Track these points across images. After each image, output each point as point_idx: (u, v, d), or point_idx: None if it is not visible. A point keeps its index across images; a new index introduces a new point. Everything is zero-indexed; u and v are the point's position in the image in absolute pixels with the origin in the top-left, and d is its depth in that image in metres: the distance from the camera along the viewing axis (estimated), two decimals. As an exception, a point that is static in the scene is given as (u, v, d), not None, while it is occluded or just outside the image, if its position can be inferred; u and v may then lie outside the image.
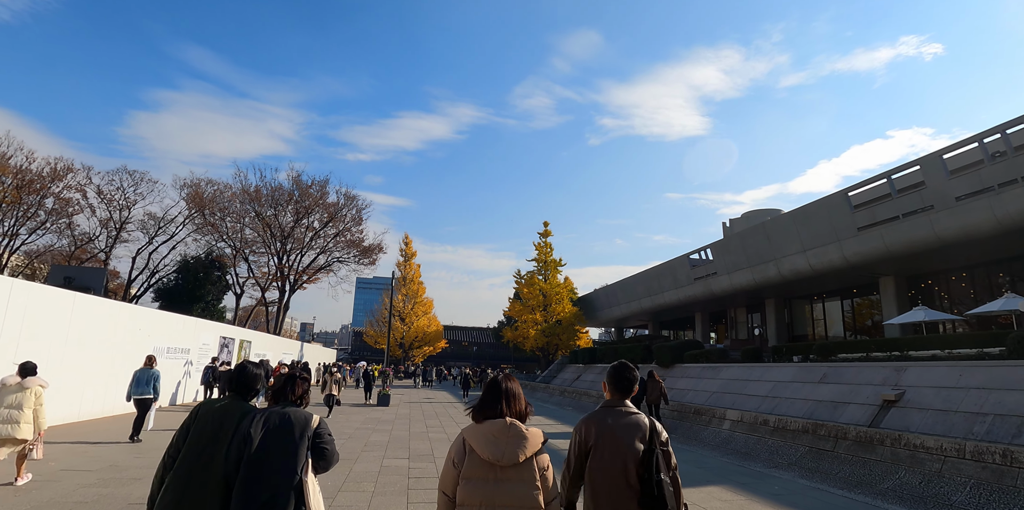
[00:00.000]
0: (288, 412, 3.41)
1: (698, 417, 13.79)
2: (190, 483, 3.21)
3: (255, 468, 3.18)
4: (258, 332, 31.27)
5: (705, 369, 20.33)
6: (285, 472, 3.20)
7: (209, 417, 3.44)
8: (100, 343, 15.25)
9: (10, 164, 41.92)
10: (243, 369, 3.69)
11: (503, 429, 2.84)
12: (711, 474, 10.01)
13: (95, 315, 15.13)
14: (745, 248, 30.35)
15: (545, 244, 37.84)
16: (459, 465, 2.81)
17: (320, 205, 44.76)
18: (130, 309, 17.04)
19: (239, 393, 3.63)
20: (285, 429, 3.32)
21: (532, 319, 36.34)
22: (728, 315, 38.54)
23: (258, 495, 3.11)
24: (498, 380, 3.09)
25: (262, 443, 3.24)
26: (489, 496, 2.71)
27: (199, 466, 3.26)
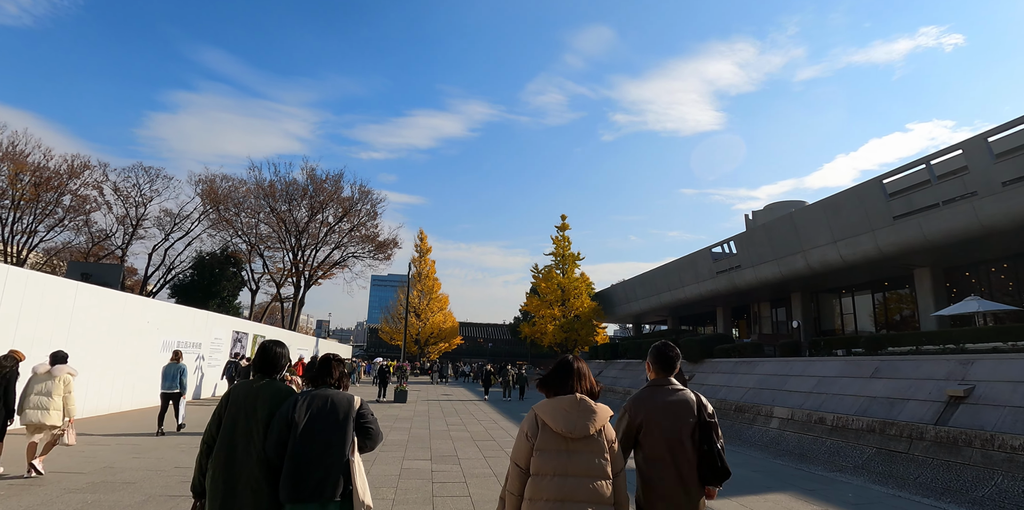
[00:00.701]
0: (330, 394, 3.40)
1: (740, 415, 12.62)
2: (232, 465, 3.18)
3: (304, 450, 3.17)
4: (273, 327, 30.38)
5: (738, 364, 19.06)
6: (334, 453, 3.21)
7: (242, 398, 3.38)
8: (105, 336, 14.30)
9: (28, 161, 41.60)
10: (266, 349, 3.61)
11: (574, 404, 2.95)
12: (770, 479, 8.82)
13: (99, 306, 14.18)
14: (771, 240, 29.00)
15: (563, 237, 36.61)
16: (532, 438, 2.93)
17: (335, 200, 43.82)
18: (137, 301, 16.09)
19: (264, 372, 3.57)
20: (330, 411, 3.31)
21: (550, 314, 35.12)
22: (751, 310, 37.17)
23: (310, 476, 3.11)
24: (568, 360, 3.16)
25: (308, 425, 3.22)
26: (562, 466, 2.82)
27: (240, 448, 3.22)
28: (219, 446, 3.26)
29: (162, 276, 45.73)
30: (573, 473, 2.82)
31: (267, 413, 3.33)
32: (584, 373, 3.11)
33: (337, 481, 3.17)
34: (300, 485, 3.11)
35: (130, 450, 9.71)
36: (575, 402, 2.96)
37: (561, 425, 2.88)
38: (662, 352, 3.46)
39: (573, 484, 2.80)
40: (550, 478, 2.81)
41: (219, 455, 3.23)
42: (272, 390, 3.44)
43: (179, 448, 10.08)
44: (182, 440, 10.96)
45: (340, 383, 3.57)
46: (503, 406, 21.17)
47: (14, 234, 42.60)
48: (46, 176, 41.80)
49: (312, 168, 48.11)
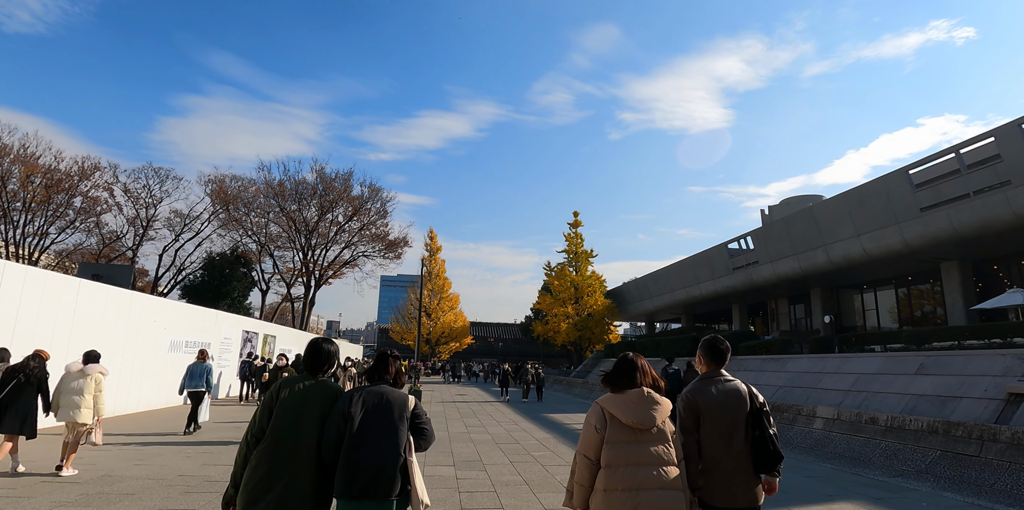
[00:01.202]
0: (385, 392, 3.34)
1: (778, 415, 11.74)
2: (278, 460, 3.08)
3: (359, 448, 3.12)
4: (283, 327, 29.67)
5: (766, 361, 18.15)
6: (390, 452, 3.16)
7: (291, 395, 3.27)
8: (110, 334, 13.58)
9: (39, 164, 41.25)
10: (316, 346, 3.48)
11: (641, 397, 3.12)
12: (828, 486, 7.97)
13: (103, 304, 13.46)
14: (790, 234, 28.08)
15: (575, 234, 35.65)
16: (601, 431, 3.07)
17: (344, 198, 43.11)
18: (144, 299, 15.37)
19: (312, 370, 3.43)
20: (385, 409, 3.27)
21: (563, 312, 34.17)
22: (768, 306, 36.21)
23: (365, 472, 3.06)
24: (630, 357, 3.31)
25: (363, 422, 3.18)
26: (634, 456, 2.97)
27: (286, 443, 3.12)
28: (265, 442, 3.15)
29: (172, 277, 45.26)
30: (644, 462, 2.96)
31: (316, 410, 3.23)
32: (647, 369, 3.27)
33: (393, 479, 3.11)
34: (355, 481, 3.05)
35: (132, 456, 8.95)
36: (642, 396, 3.12)
37: (631, 417, 3.03)
38: (713, 345, 3.56)
39: (645, 472, 2.93)
40: (623, 468, 2.94)
41: (264, 450, 3.12)
42: (321, 387, 3.33)
43: (184, 453, 9.32)
44: (190, 444, 10.21)
45: (397, 380, 3.48)
46: (522, 407, 20.34)
47: (26, 236, 42.23)
48: (57, 178, 41.48)
49: (322, 167, 47.59)
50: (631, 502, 2.88)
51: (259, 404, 3.50)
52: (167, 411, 15.31)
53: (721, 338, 3.61)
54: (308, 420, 3.19)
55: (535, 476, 8.26)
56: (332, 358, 3.47)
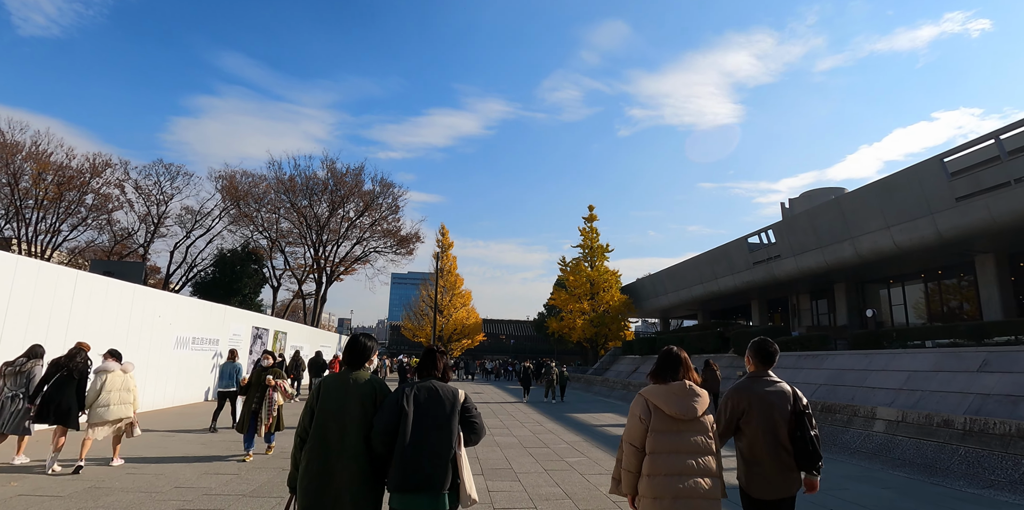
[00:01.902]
0: (435, 387, 3.31)
1: (830, 416, 10.65)
2: (327, 457, 3.08)
3: (414, 442, 3.09)
4: (294, 323, 28.76)
5: (802, 358, 16.98)
6: (442, 445, 3.14)
7: (335, 390, 3.24)
8: (111, 329, 12.65)
9: (51, 161, 40.70)
10: (356, 341, 3.45)
11: (684, 390, 3.28)
12: (911, 500, 6.89)
13: (103, 297, 12.53)
14: (815, 227, 26.84)
15: (591, 229, 34.51)
16: (646, 421, 3.23)
17: (355, 194, 42.12)
18: (147, 292, 14.43)
19: (353, 365, 3.40)
20: (436, 403, 3.23)
21: (579, 308, 33.04)
22: (789, 302, 34.95)
23: (419, 468, 3.05)
24: (674, 351, 3.47)
25: (416, 417, 3.16)
26: (676, 445, 3.14)
27: (332, 439, 3.10)
28: (312, 438, 3.15)
29: (184, 274, 44.63)
30: (685, 450, 3.15)
31: (360, 405, 3.22)
32: (688, 363, 3.42)
33: (446, 473, 3.09)
34: (410, 476, 3.04)
35: (126, 467, 7.99)
36: (684, 388, 3.29)
37: (675, 409, 3.21)
38: (763, 347, 3.74)
39: (686, 460, 3.12)
40: (666, 455, 3.14)
41: (312, 447, 3.12)
42: (365, 382, 3.32)
43: (184, 460, 8.34)
44: (195, 448, 9.24)
45: (445, 375, 3.45)
46: (544, 407, 19.26)
47: (38, 233, 41.67)
48: (68, 175, 40.95)
49: (332, 162, 46.57)
50: (673, 487, 3.06)
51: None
52: (172, 411, 14.41)
53: (770, 340, 3.78)
54: (352, 415, 3.16)
55: (576, 487, 7.22)
56: (371, 352, 3.43)
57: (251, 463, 8.23)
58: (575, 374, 32.01)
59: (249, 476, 7.40)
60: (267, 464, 8.21)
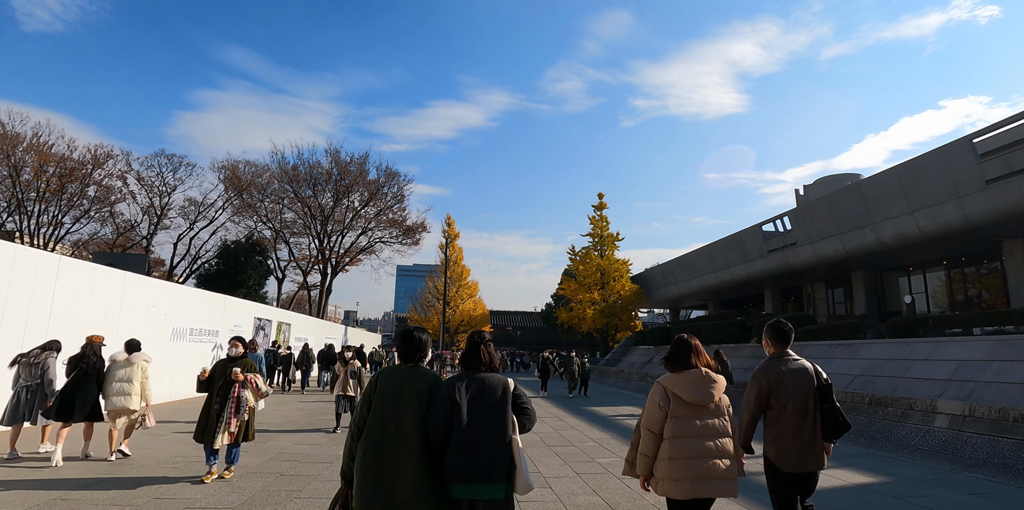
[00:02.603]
0: (485, 377, 3.29)
1: (880, 409, 9.64)
2: (383, 450, 3.05)
3: (468, 432, 3.07)
4: (298, 314, 27.79)
5: (834, 347, 15.91)
6: (499, 433, 3.11)
7: (391, 383, 3.23)
8: (99, 319, 11.67)
9: (52, 153, 39.83)
10: (409, 334, 3.43)
11: (700, 377, 3.40)
12: (1011, 507, 5.85)
13: (90, 285, 11.53)
14: (833, 213, 25.71)
15: (600, 217, 33.38)
16: (665, 407, 3.37)
17: (360, 183, 41.01)
18: (139, 280, 13.42)
19: (408, 358, 3.39)
20: (488, 393, 3.21)
21: (589, 298, 31.97)
22: (804, 291, 33.85)
23: (479, 457, 3.02)
24: (685, 338, 3.58)
25: (471, 408, 3.14)
26: (695, 429, 3.29)
27: (390, 432, 3.10)
28: (369, 430, 3.13)
29: (188, 266, 43.74)
30: (704, 434, 3.29)
31: (414, 398, 3.18)
32: (701, 350, 3.54)
33: (505, 462, 3.06)
34: (469, 467, 3.01)
35: (105, 467, 7.02)
36: (701, 375, 3.41)
37: (692, 395, 3.34)
38: (778, 328, 3.96)
39: (705, 443, 3.27)
40: (686, 439, 3.27)
41: (369, 439, 3.11)
42: (420, 375, 3.28)
43: (172, 465, 7.35)
44: (185, 449, 8.26)
45: (492, 365, 3.37)
46: (561, 401, 18.20)
47: (40, 226, 40.84)
48: (70, 167, 40.09)
49: (336, 151, 45.50)
50: (694, 469, 3.22)
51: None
52: (168, 406, 13.43)
53: (784, 321, 3.97)
54: (409, 408, 3.15)
55: (618, 496, 6.23)
56: (426, 346, 3.41)
57: (243, 469, 7.23)
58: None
59: (241, 484, 6.41)
60: (262, 469, 7.22)
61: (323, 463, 7.65)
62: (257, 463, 7.51)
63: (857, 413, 10.03)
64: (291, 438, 9.62)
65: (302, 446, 8.86)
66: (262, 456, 7.98)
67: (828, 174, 34.55)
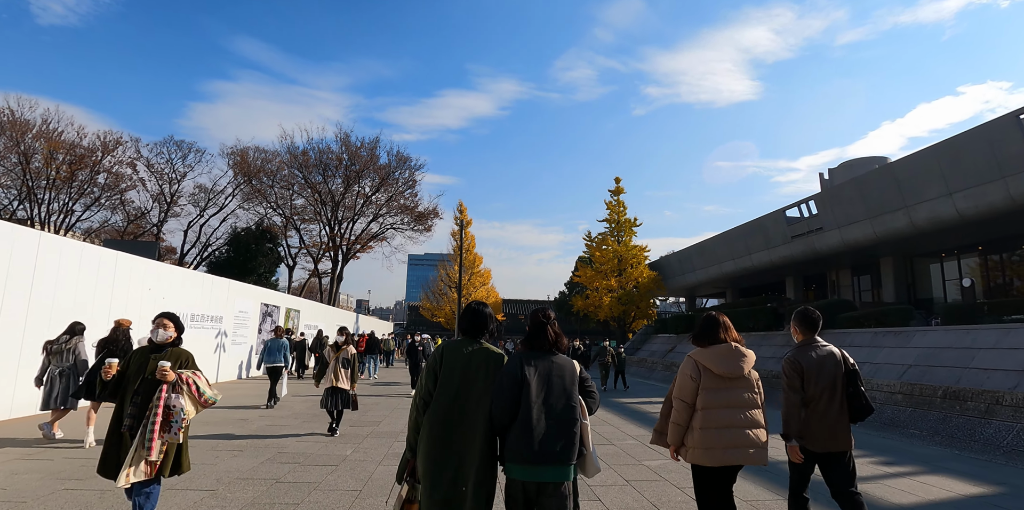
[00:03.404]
0: (554, 357, 3.16)
1: (956, 403, 8.41)
2: (449, 424, 3.01)
3: (539, 412, 2.95)
4: (307, 300, 26.73)
5: (881, 335, 14.56)
6: (569, 415, 2.99)
7: (456, 358, 3.15)
8: (88, 301, 10.60)
9: (62, 140, 39.07)
10: (476, 311, 3.33)
11: (730, 351, 3.52)
12: None
13: (75, 264, 10.43)
14: (864, 196, 24.25)
15: (617, 202, 32.00)
16: (697, 379, 3.49)
17: (370, 168, 39.78)
18: (132, 261, 12.30)
19: (473, 334, 3.27)
20: (557, 374, 3.08)
21: (606, 285, 30.72)
22: (828, 278, 32.44)
23: (547, 438, 2.89)
24: (714, 315, 3.72)
25: (539, 387, 3.02)
26: (726, 400, 3.43)
27: (456, 407, 3.04)
28: (436, 404, 3.07)
29: (199, 253, 42.95)
30: (734, 405, 3.43)
31: (483, 374, 3.13)
32: (728, 325, 3.68)
33: (574, 444, 2.96)
34: (536, 446, 2.87)
35: (81, 461, 5.92)
36: (730, 349, 3.53)
37: (723, 368, 3.46)
38: (807, 316, 4.05)
39: (735, 414, 3.42)
40: (717, 410, 3.41)
41: (435, 413, 3.05)
42: (487, 351, 3.22)
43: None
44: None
45: (558, 345, 3.20)
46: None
47: (51, 214, 40.13)
48: (80, 154, 39.35)
49: (346, 135, 44.30)
50: (724, 438, 3.36)
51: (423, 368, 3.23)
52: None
53: (812, 308, 4.11)
54: (476, 384, 3.10)
55: (666, 497, 5.04)
56: (490, 321, 3.33)
57: (234, 474, 6.10)
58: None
59: (229, 494, 5.28)
60: (255, 474, 6.09)
61: (328, 466, 6.51)
62: (251, 466, 6.39)
63: (928, 407, 8.80)
64: (293, 434, 8.51)
65: (305, 444, 7.73)
66: (257, 457, 6.85)
67: (852, 158, 32.96)
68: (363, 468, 6.41)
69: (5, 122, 37.57)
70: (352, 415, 10.32)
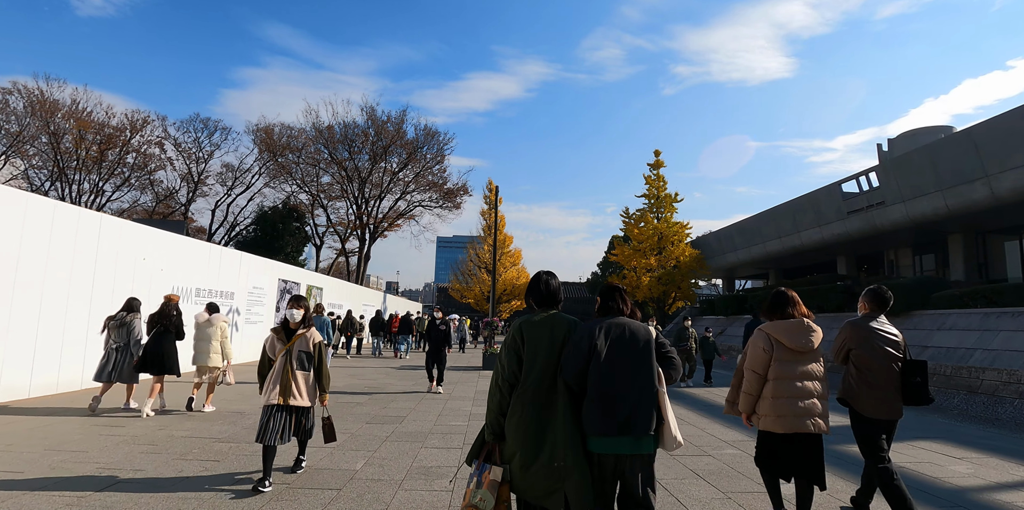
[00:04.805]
0: (626, 323, 2.96)
1: None
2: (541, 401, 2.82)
3: (612, 380, 2.78)
4: (330, 278, 25.05)
5: (992, 317, 12.08)
6: (644, 383, 2.81)
7: (540, 333, 2.94)
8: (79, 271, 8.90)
9: (91, 120, 38.17)
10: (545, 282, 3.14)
11: (801, 325, 3.68)
12: None
13: (48, 229, 8.68)
14: (936, 166, 21.52)
15: (657, 176, 29.55)
16: (769, 351, 3.64)
17: (397, 143, 37.79)
18: (122, 227, 10.54)
19: (544, 305, 3.09)
20: (631, 340, 2.88)
21: (645, 264, 28.46)
22: (886, 257, 29.72)
23: (623, 409, 2.72)
24: (783, 290, 3.86)
25: (611, 355, 2.83)
26: (796, 372, 3.59)
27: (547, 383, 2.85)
28: (524, 383, 2.88)
29: (226, 233, 41.90)
30: (806, 377, 3.59)
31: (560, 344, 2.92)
32: (798, 300, 3.83)
33: (651, 414, 2.78)
34: (611, 418, 2.72)
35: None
36: (802, 325, 3.69)
37: (794, 342, 3.62)
38: (878, 293, 4.14)
39: (805, 385, 3.58)
40: (788, 381, 3.58)
41: (526, 392, 2.86)
42: (564, 321, 3.01)
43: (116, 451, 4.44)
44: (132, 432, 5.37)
45: (633, 314, 3.09)
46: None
47: (81, 194, 39.32)
48: (108, 134, 38.50)
49: (372, 108, 42.33)
50: (794, 406, 3.52)
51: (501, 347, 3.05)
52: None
53: (884, 287, 4.18)
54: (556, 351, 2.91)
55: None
56: (560, 291, 3.17)
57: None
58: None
59: None
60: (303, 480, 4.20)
61: (327, 491, 4.60)
62: (217, 503, 4.50)
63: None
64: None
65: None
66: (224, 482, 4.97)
67: (915, 128, 29.96)
68: (376, 495, 4.47)
69: (35, 102, 36.69)
70: (371, 409, 8.47)
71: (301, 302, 5.03)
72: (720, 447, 6.52)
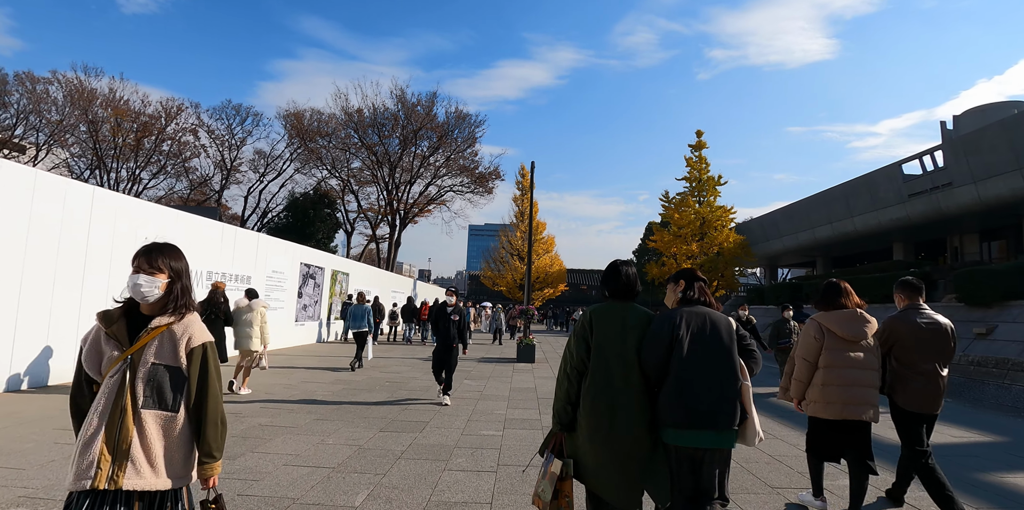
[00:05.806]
0: (707, 312, 2.77)
1: None
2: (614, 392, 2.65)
3: (693, 372, 2.60)
4: (358, 263, 24.09)
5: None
6: (729, 377, 2.64)
7: (612, 323, 2.75)
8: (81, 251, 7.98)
9: (128, 108, 38.20)
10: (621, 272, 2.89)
11: (855, 316, 3.67)
12: None
13: (27, 202, 7.73)
14: (1013, 142, 19.38)
15: (699, 158, 27.61)
16: (820, 340, 3.66)
17: (428, 127, 36.64)
18: (118, 201, 9.50)
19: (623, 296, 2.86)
20: (712, 331, 2.70)
21: (686, 251, 26.74)
22: (949, 244, 27.42)
23: (704, 403, 2.56)
24: (835, 282, 3.83)
25: (693, 346, 2.65)
26: (848, 361, 3.59)
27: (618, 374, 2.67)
28: (594, 374, 2.70)
29: (259, 219, 41.70)
30: (855, 366, 3.59)
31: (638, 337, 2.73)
32: (850, 291, 3.79)
33: (735, 408, 2.62)
34: (694, 410, 2.56)
35: None
36: (855, 315, 3.68)
37: (846, 332, 3.62)
38: (907, 282, 4.06)
39: (855, 373, 3.58)
40: (839, 369, 3.59)
41: (596, 383, 2.68)
42: (640, 312, 2.82)
43: None
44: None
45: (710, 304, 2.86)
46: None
47: (119, 182, 39.47)
48: (144, 122, 38.53)
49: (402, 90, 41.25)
50: (844, 394, 3.55)
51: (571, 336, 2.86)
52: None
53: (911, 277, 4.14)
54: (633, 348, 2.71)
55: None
56: (637, 280, 2.90)
57: None
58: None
59: None
60: None
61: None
62: None
63: None
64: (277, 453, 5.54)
65: (294, 473, 4.69)
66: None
67: (984, 103, 27.41)
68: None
69: (74, 91, 36.80)
70: (388, 411, 7.33)
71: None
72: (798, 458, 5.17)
